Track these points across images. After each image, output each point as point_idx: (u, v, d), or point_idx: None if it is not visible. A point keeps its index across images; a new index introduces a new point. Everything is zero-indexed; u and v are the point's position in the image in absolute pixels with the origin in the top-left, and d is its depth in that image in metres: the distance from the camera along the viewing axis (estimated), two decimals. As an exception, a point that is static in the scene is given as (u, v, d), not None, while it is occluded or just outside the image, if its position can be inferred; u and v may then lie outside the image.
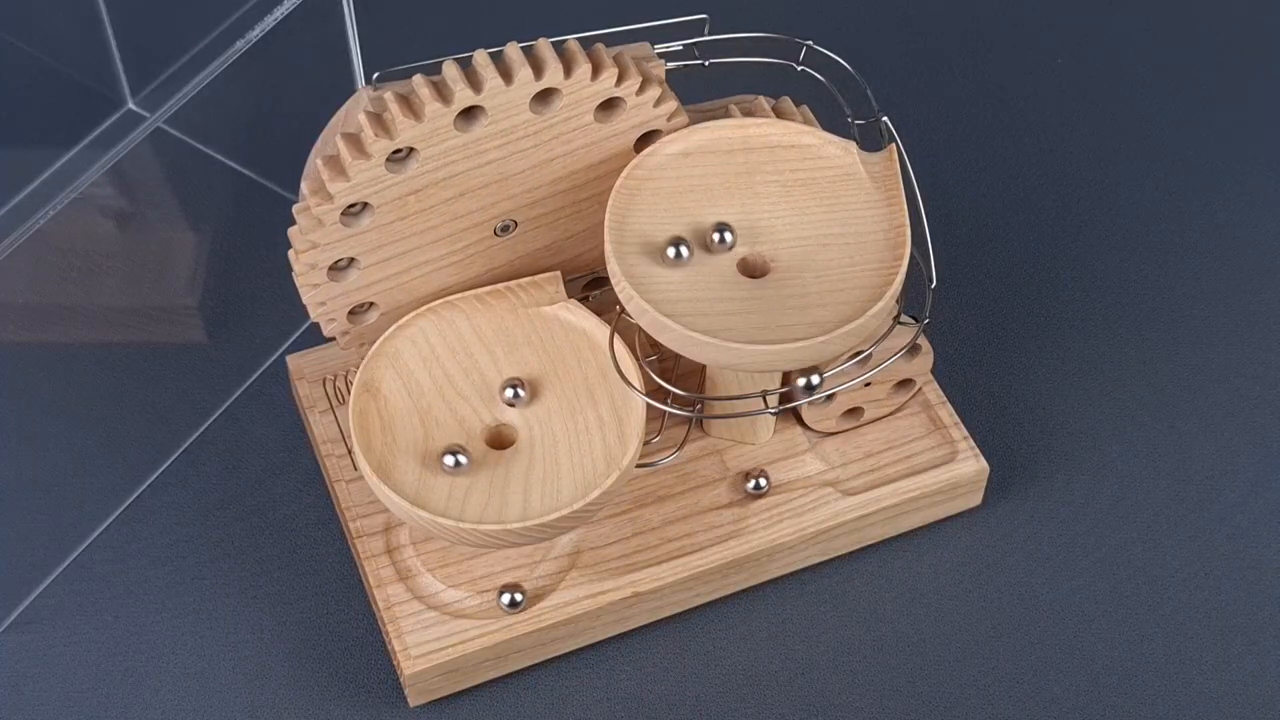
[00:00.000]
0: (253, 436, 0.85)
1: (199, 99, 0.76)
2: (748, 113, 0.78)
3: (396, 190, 0.73)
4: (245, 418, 0.86)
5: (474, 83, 0.71)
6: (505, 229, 0.77)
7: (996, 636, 0.79)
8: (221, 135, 0.91)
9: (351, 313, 0.76)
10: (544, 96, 0.73)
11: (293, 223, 0.74)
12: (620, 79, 0.74)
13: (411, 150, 0.72)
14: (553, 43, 0.73)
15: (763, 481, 0.79)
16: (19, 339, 0.81)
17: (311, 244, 0.72)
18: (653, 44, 0.76)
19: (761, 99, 0.79)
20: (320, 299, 0.75)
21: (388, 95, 0.71)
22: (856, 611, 0.80)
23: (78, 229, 0.81)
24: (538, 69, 0.72)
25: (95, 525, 0.82)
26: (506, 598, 0.76)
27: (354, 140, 0.71)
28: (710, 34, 0.78)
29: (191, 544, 0.82)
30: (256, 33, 0.77)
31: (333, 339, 0.78)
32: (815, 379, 0.76)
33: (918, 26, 1.01)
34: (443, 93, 0.71)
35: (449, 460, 0.72)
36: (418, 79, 0.71)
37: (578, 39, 0.73)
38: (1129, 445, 0.85)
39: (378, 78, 0.73)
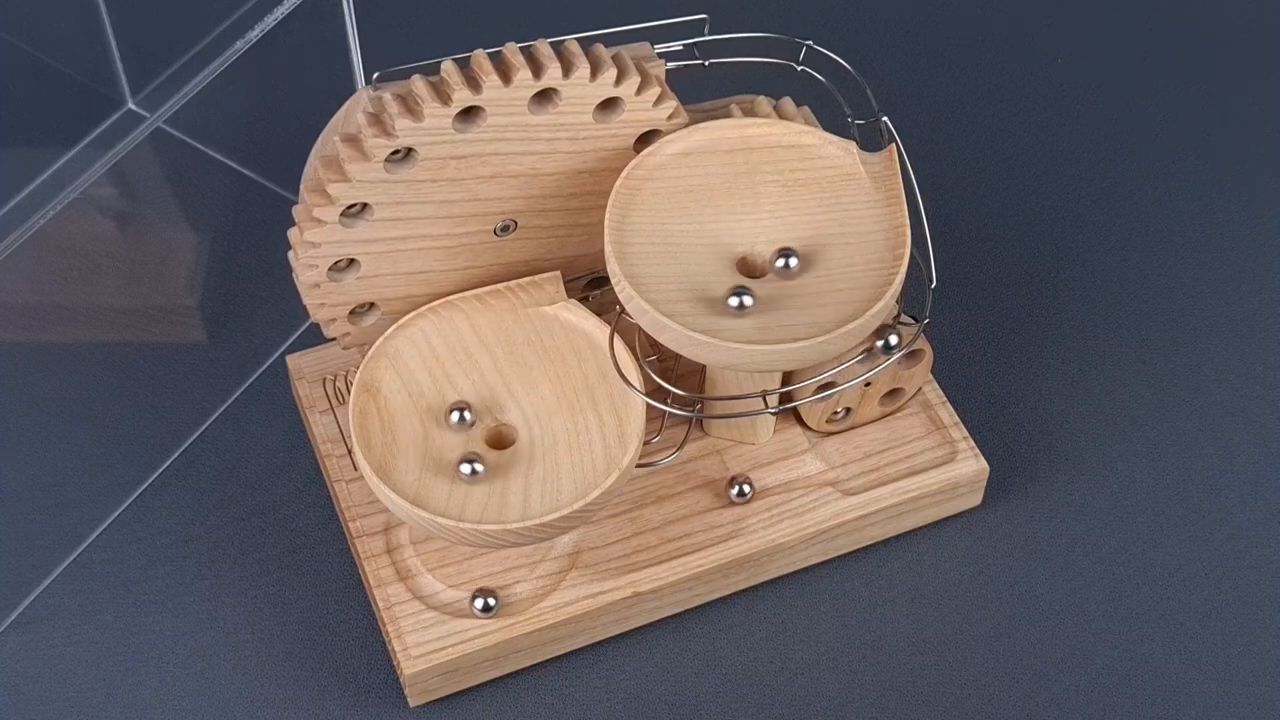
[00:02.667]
0: (253, 436, 0.85)
1: (199, 99, 0.76)
2: (748, 113, 0.78)
3: (447, 149, 0.73)
4: (245, 418, 0.86)
5: (566, 68, 0.72)
6: (505, 229, 0.77)
7: (996, 636, 0.79)
8: (221, 135, 0.91)
9: (334, 267, 0.75)
10: (609, 105, 0.74)
11: (293, 222, 0.74)
12: (673, 116, 0.75)
13: (479, 113, 0.73)
14: (551, 42, 0.73)
15: (747, 488, 0.79)
16: (19, 339, 0.81)
17: (344, 176, 0.72)
18: (653, 44, 0.76)
19: (762, 99, 0.79)
20: (319, 239, 0.73)
21: (478, 53, 0.72)
22: (856, 611, 0.80)
23: (78, 229, 0.81)
24: (621, 75, 0.74)
25: (95, 525, 0.82)
26: (480, 602, 0.76)
27: (437, 86, 0.72)
28: (710, 34, 0.78)
29: (191, 544, 0.82)
30: (256, 33, 0.77)
31: (332, 339, 0.78)
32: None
33: (918, 26, 1.01)
34: (535, 66, 0.72)
35: (465, 469, 0.73)
36: (510, 47, 0.72)
37: (578, 39, 0.73)
38: (1129, 445, 0.85)
39: (378, 78, 0.73)
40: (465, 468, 0.72)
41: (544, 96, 0.73)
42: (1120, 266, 0.91)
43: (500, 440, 0.75)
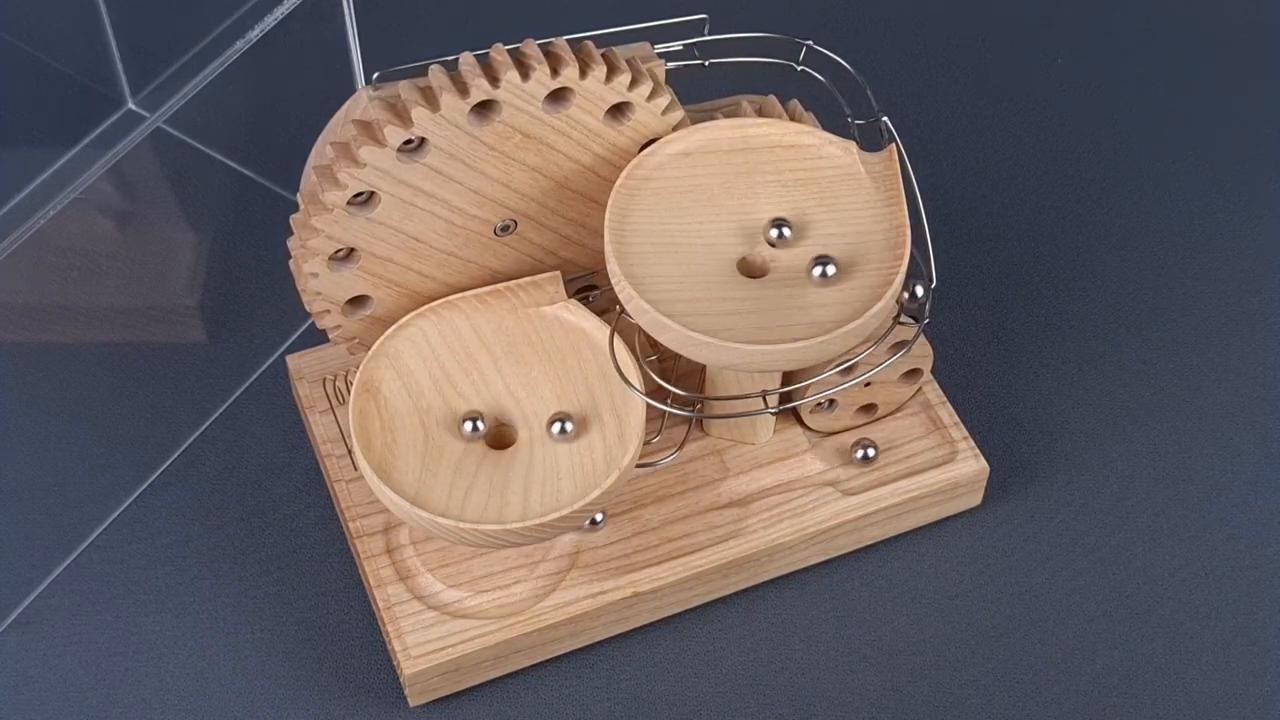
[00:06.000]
0: (253, 436, 0.85)
1: (199, 99, 0.76)
2: (730, 114, 0.78)
3: (525, 121, 0.73)
4: (245, 418, 0.86)
5: (653, 91, 0.74)
6: (505, 229, 0.77)
7: (996, 636, 0.79)
8: (221, 135, 0.91)
9: (355, 199, 0.74)
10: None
11: (296, 209, 0.74)
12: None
13: (568, 100, 0.74)
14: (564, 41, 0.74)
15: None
16: (19, 339, 0.81)
17: (435, 106, 0.72)
18: (653, 44, 0.76)
19: (744, 102, 0.79)
20: (369, 160, 0.72)
21: (588, 44, 0.73)
22: (856, 611, 0.80)
23: (78, 229, 0.81)
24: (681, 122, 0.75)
25: (95, 525, 0.82)
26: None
27: (549, 58, 0.73)
28: (710, 34, 0.78)
29: (191, 544, 0.82)
30: (256, 33, 0.77)
31: (325, 333, 0.78)
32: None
33: (918, 26, 1.01)
34: (634, 75, 0.74)
35: (468, 427, 0.73)
36: (612, 50, 0.74)
37: (578, 39, 0.74)
38: (1129, 445, 0.85)
39: (378, 78, 0.73)
40: (468, 425, 0.73)
41: (620, 111, 0.75)
42: (1120, 266, 0.91)
43: (500, 440, 0.75)
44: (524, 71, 0.72)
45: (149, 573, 0.81)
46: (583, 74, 0.72)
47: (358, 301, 0.77)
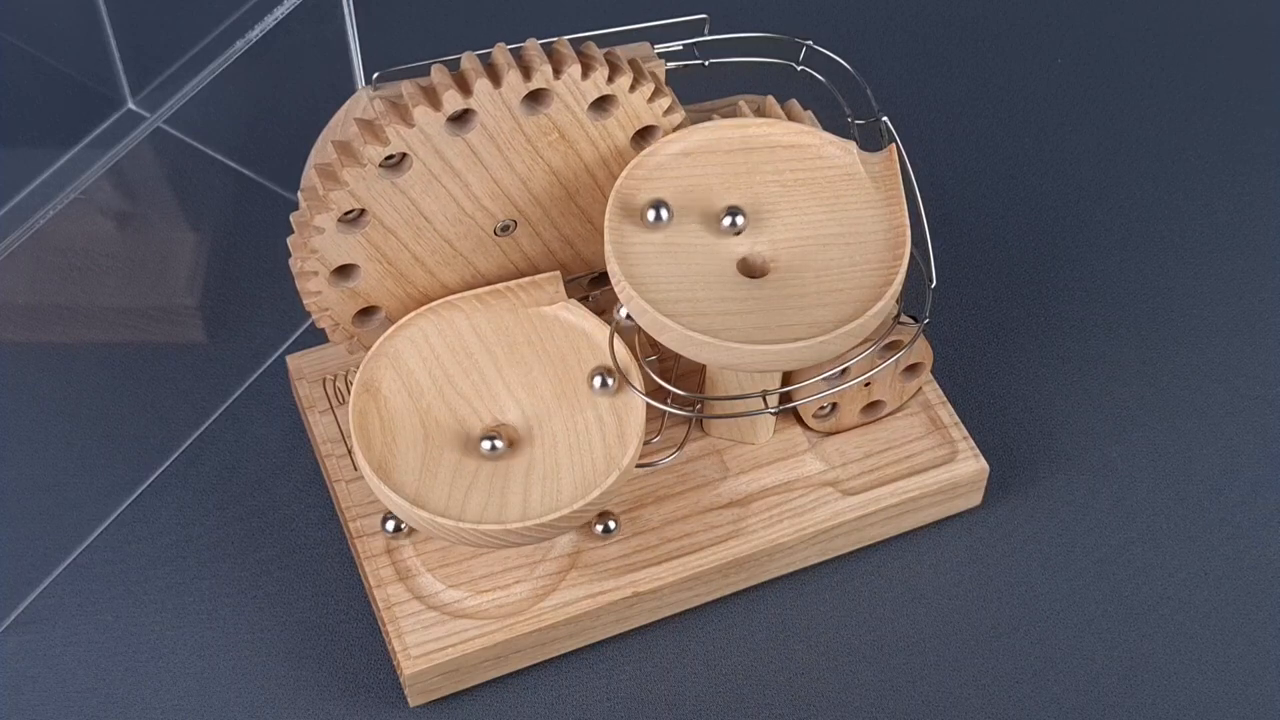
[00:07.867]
0: (253, 436, 0.85)
1: (199, 99, 0.76)
2: (757, 113, 0.78)
3: (568, 119, 0.74)
4: (245, 418, 0.86)
5: (674, 105, 0.75)
6: (505, 229, 0.77)
7: (996, 636, 0.79)
8: (221, 135, 0.91)
9: (387, 161, 0.74)
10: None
11: (290, 228, 0.74)
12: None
13: (609, 107, 0.74)
14: (547, 42, 0.73)
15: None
16: (19, 339, 0.81)
17: (497, 83, 0.72)
18: (653, 44, 0.76)
19: (770, 99, 0.79)
20: (418, 122, 0.72)
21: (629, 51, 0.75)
22: (856, 611, 0.80)
23: (78, 229, 0.81)
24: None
25: (95, 525, 0.82)
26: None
27: (608, 61, 0.73)
28: (710, 34, 0.78)
29: (191, 544, 0.82)
30: (256, 33, 0.77)
31: (333, 339, 0.78)
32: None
33: (918, 26, 1.01)
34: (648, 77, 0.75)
35: (485, 445, 0.73)
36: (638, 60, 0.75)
37: (578, 39, 0.74)
38: (1129, 445, 0.85)
39: (378, 78, 0.73)
40: (486, 444, 0.73)
41: (645, 135, 0.75)
42: (1120, 266, 0.91)
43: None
44: (585, 69, 0.72)
45: (149, 573, 0.81)
46: (632, 87, 0.73)
47: (344, 272, 0.77)
